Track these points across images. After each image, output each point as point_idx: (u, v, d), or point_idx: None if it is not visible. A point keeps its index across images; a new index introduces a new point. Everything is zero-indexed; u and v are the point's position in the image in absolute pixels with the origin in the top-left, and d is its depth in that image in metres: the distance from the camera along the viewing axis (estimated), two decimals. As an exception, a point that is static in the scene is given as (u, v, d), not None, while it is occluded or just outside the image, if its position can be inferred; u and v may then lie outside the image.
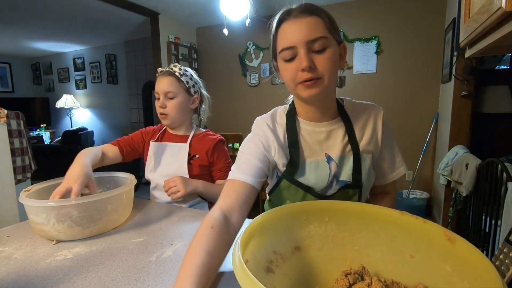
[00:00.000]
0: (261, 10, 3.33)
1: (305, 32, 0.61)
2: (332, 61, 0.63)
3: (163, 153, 1.13)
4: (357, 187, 0.71)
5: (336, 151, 0.72)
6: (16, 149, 1.85)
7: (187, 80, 1.11)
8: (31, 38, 4.54)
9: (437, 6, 2.71)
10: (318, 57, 0.62)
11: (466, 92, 2.10)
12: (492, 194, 1.42)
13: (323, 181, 0.71)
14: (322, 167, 0.72)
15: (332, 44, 0.64)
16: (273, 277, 0.43)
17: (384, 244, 0.49)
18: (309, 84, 0.63)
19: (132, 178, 0.91)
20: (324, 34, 0.62)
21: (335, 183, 0.72)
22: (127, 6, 3.02)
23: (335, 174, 0.71)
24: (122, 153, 1.13)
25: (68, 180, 0.78)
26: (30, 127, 5.27)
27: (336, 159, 0.71)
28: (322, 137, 0.73)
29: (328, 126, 0.73)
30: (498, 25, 0.51)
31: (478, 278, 0.36)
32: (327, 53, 0.62)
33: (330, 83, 0.65)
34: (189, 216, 0.90)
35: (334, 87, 0.73)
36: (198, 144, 1.13)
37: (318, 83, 0.63)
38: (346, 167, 0.72)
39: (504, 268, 0.48)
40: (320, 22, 0.63)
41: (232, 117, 3.87)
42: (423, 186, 2.95)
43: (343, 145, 0.72)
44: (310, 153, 0.73)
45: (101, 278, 0.56)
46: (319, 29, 0.62)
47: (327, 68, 0.62)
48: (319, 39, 0.61)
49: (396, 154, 0.79)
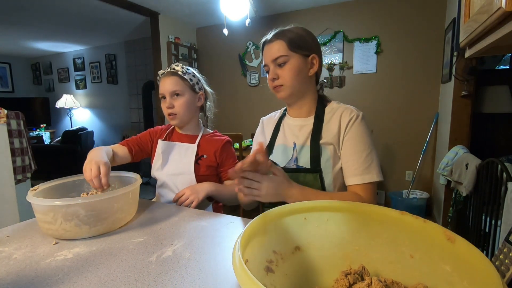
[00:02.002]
0: (261, 10, 3.33)
1: (271, 53, 0.87)
2: (291, 71, 0.85)
3: (171, 152, 1.13)
4: (316, 172, 0.85)
5: (300, 141, 0.90)
6: (16, 149, 1.85)
7: (191, 78, 1.11)
8: (31, 38, 4.54)
9: (437, 6, 2.71)
10: (281, 70, 0.87)
11: (466, 92, 2.10)
12: (492, 194, 1.42)
13: (285, 160, 0.91)
14: (287, 151, 0.92)
15: (293, 58, 0.86)
16: (273, 277, 0.43)
17: (384, 244, 0.49)
18: (276, 90, 0.89)
19: (137, 177, 0.91)
20: (283, 53, 0.85)
21: (294, 164, 0.89)
22: (127, 6, 3.02)
23: (295, 158, 0.90)
24: (131, 153, 1.14)
25: (95, 162, 0.84)
26: (30, 127, 5.27)
27: (298, 147, 0.90)
28: (295, 129, 0.93)
29: (301, 121, 0.93)
30: (498, 25, 0.51)
31: (478, 278, 0.36)
32: (287, 66, 0.86)
33: (293, 87, 0.87)
34: (189, 216, 0.90)
35: (306, 90, 0.91)
36: (206, 144, 1.13)
37: (282, 88, 0.88)
38: (304, 155, 0.88)
39: (504, 268, 0.48)
40: (282, 44, 0.86)
41: (232, 117, 3.87)
42: (423, 186, 2.95)
43: (305, 138, 0.89)
44: (283, 139, 0.95)
45: (101, 278, 0.56)
46: (280, 49, 0.86)
47: (288, 77, 0.86)
48: (280, 57, 0.86)
49: (356, 161, 0.83)
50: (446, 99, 2.50)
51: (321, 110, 0.91)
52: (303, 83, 0.89)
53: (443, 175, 2.10)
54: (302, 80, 0.88)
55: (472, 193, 1.68)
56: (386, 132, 3.05)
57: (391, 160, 3.09)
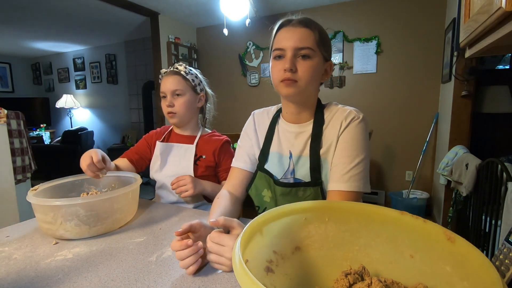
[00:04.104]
0: (261, 10, 3.33)
1: (295, 40, 0.72)
2: (313, 70, 0.74)
3: (170, 153, 1.13)
4: (317, 185, 0.77)
5: (296, 151, 0.81)
6: (16, 149, 1.85)
7: (193, 79, 1.11)
8: (31, 38, 4.54)
9: (437, 6, 2.71)
10: (301, 63, 0.73)
11: (466, 92, 2.10)
12: (492, 194, 1.42)
13: (281, 172, 0.83)
14: (283, 161, 0.83)
15: (317, 56, 0.74)
16: (273, 277, 0.43)
17: (384, 244, 0.49)
18: (287, 83, 0.73)
19: (137, 178, 0.91)
20: (311, 45, 0.73)
21: (291, 177, 0.81)
22: (127, 6, 3.02)
23: (292, 170, 0.81)
24: (133, 163, 1.15)
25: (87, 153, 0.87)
26: (30, 127, 5.27)
27: (294, 158, 0.81)
28: (291, 137, 0.83)
29: (298, 128, 0.82)
30: (498, 25, 0.51)
31: (478, 278, 0.36)
32: (310, 61, 0.73)
33: (307, 88, 0.75)
34: (189, 216, 0.90)
35: (313, 95, 0.81)
36: (205, 145, 1.14)
37: (295, 84, 0.73)
38: (302, 167, 0.80)
39: (504, 268, 0.48)
40: (311, 35, 0.73)
41: (232, 117, 3.87)
42: (423, 186, 2.95)
43: (302, 147, 0.80)
44: (278, 147, 0.85)
45: (101, 278, 0.56)
46: (308, 40, 0.73)
47: (306, 74, 0.73)
48: (306, 49, 0.72)
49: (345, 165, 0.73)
50: (446, 99, 2.50)
51: (320, 113, 0.81)
52: (314, 88, 0.79)
53: (443, 175, 2.10)
54: (315, 84, 0.78)
55: (472, 193, 1.68)
56: (386, 132, 3.05)
57: (391, 160, 3.09)
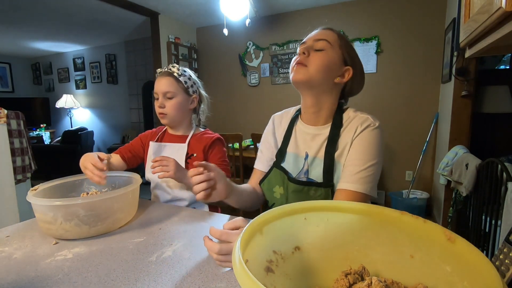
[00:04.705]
0: (261, 10, 3.33)
1: (316, 35, 0.81)
2: (325, 60, 0.77)
3: (162, 153, 1.13)
4: (328, 186, 0.80)
5: (312, 152, 0.84)
6: (16, 149, 1.85)
7: (186, 80, 1.11)
8: (31, 38, 4.54)
9: (437, 6, 2.71)
10: (315, 52, 0.78)
11: (466, 92, 2.10)
12: (492, 194, 1.42)
13: (296, 171, 0.86)
14: (299, 161, 0.86)
15: (333, 52, 0.79)
16: (273, 277, 0.43)
17: (384, 244, 0.49)
18: (296, 68, 0.78)
19: (137, 177, 0.91)
20: (328, 39, 0.78)
21: (304, 177, 0.84)
22: (127, 6, 3.02)
23: (306, 170, 0.84)
24: (125, 160, 1.16)
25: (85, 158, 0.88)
26: (30, 127, 5.27)
27: (309, 159, 0.84)
28: (308, 138, 0.86)
29: (315, 130, 0.85)
30: (498, 25, 0.51)
31: (478, 278, 0.36)
32: (324, 52, 0.78)
33: (316, 77, 0.77)
34: (189, 216, 0.90)
35: (327, 93, 0.83)
36: (196, 143, 1.14)
37: (304, 69, 0.77)
38: (316, 168, 0.83)
39: (504, 268, 0.48)
40: (332, 34, 0.80)
41: (232, 117, 3.87)
42: (423, 186, 2.95)
43: (318, 148, 0.83)
44: (294, 147, 0.88)
45: (101, 278, 0.56)
46: (327, 35, 0.79)
47: (317, 61, 0.77)
48: (322, 40, 0.78)
49: (356, 167, 0.76)
50: (446, 99, 2.50)
51: (339, 117, 0.83)
52: (327, 83, 0.80)
53: (443, 175, 2.10)
54: (326, 77, 0.79)
55: (472, 193, 1.68)
56: (386, 132, 3.05)
57: (391, 160, 3.09)
